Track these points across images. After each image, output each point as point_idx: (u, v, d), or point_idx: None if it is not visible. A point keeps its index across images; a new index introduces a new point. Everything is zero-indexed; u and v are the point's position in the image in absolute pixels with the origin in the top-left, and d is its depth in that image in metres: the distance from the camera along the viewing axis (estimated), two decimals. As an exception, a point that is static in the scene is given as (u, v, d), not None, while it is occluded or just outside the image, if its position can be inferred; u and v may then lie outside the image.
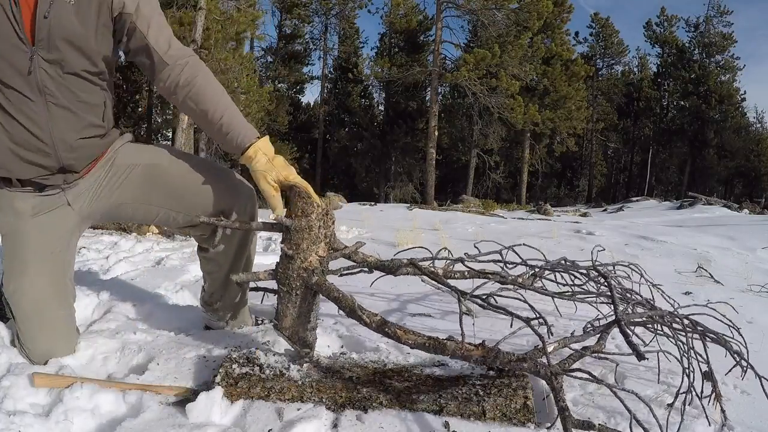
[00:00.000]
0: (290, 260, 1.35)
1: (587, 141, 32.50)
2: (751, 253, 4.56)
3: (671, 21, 32.19)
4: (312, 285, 1.35)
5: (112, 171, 1.57)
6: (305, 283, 1.36)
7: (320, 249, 1.37)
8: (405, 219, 6.42)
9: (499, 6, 18.23)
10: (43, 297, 1.51)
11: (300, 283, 1.36)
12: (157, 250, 3.53)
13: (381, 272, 1.50)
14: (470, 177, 23.46)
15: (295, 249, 1.35)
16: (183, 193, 1.58)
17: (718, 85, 29.48)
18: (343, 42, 29.23)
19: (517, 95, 19.02)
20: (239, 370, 1.33)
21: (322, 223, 1.36)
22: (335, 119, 29.38)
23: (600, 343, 1.24)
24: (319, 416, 1.22)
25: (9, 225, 1.50)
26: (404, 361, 1.44)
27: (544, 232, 5.40)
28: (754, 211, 12.22)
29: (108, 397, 1.29)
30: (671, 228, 6.53)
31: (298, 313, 1.38)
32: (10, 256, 1.51)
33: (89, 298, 2.12)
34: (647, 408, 1.12)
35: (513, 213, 11.37)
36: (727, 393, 1.42)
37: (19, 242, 1.50)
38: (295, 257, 1.35)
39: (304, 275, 1.35)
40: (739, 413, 1.34)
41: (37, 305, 1.50)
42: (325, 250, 1.38)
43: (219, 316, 1.82)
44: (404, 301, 2.40)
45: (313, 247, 1.35)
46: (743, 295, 2.84)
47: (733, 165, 30.89)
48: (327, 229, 1.38)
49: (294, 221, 1.35)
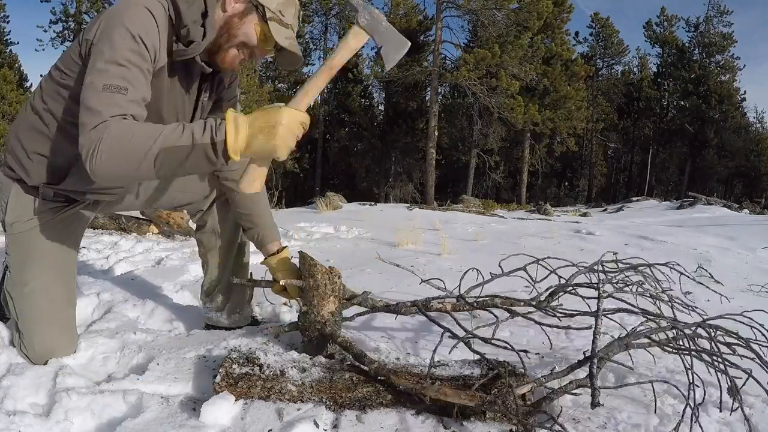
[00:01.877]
0: (306, 314, 1.57)
1: (587, 141, 32.49)
2: (751, 253, 4.56)
3: (671, 21, 32.18)
4: (327, 335, 1.54)
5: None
6: (321, 332, 1.56)
7: (330, 303, 1.56)
8: (405, 219, 6.41)
9: (499, 6, 18.21)
10: (58, 297, 1.55)
11: (317, 333, 1.56)
12: (157, 250, 3.53)
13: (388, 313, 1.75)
14: (470, 177, 23.44)
15: (308, 305, 1.56)
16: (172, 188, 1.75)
17: (718, 85, 29.46)
18: (343, 42, 29.20)
19: (517, 95, 19.00)
20: (239, 370, 1.33)
21: (328, 280, 1.55)
22: (335, 119, 29.35)
23: (584, 379, 1.21)
24: (319, 416, 1.22)
25: (27, 224, 1.52)
26: (404, 361, 1.44)
27: (544, 232, 5.40)
28: (754, 211, 12.22)
29: (108, 397, 1.29)
30: (671, 228, 6.52)
31: (316, 351, 1.57)
32: (25, 255, 1.52)
33: (89, 298, 2.12)
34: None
35: (513, 213, 11.36)
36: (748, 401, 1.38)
37: (37, 241, 1.52)
38: (309, 312, 1.56)
39: (318, 327, 1.55)
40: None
41: (53, 305, 1.53)
42: (336, 304, 1.58)
43: (219, 305, 1.85)
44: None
45: (323, 302, 1.55)
46: (743, 295, 2.84)
47: (733, 165, 30.87)
48: (334, 284, 1.57)
49: (303, 282, 1.57)
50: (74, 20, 27.02)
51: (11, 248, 1.54)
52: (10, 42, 26.70)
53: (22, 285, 1.51)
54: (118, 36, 1.27)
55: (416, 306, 1.64)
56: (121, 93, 1.23)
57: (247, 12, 1.45)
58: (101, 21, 1.33)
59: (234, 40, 1.46)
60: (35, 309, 1.51)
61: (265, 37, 1.46)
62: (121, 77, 1.24)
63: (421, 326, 1.96)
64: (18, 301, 1.52)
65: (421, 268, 3.14)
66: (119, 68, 1.25)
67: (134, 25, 1.29)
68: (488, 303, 1.73)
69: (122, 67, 1.25)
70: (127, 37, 1.27)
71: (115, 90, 1.23)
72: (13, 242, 1.53)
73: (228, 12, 1.44)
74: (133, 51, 1.27)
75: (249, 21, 1.44)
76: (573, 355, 1.64)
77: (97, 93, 1.22)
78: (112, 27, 1.29)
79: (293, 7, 1.48)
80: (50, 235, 1.53)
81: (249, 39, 1.46)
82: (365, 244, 4.24)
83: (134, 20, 1.29)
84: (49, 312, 1.52)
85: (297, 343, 1.69)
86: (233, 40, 1.46)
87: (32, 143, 1.47)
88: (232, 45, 1.47)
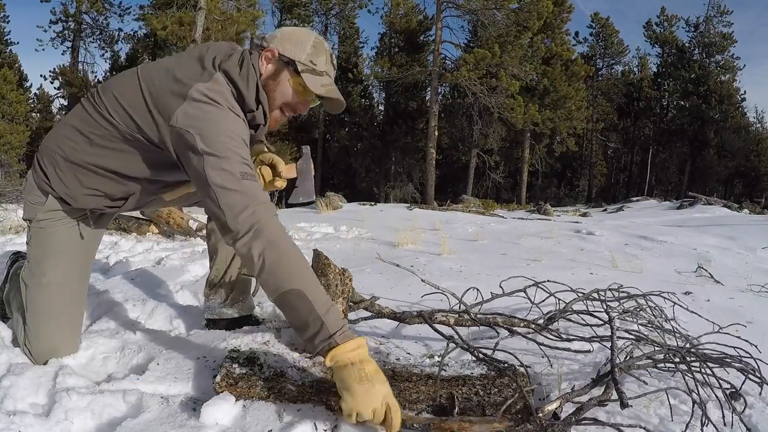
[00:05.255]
0: None
1: (587, 141, 32.49)
2: (751, 253, 4.56)
3: (671, 21, 32.18)
4: None
5: None
6: None
7: (338, 304, 1.56)
8: (405, 219, 6.41)
9: (499, 6, 18.20)
10: (71, 293, 1.57)
11: None
12: (157, 250, 3.53)
13: (394, 320, 1.80)
14: (470, 177, 23.44)
15: None
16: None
17: (718, 85, 29.47)
18: (343, 42, 29.21)
19: (517, 95, 19.00)
20: (239, 370, 1.33)
21: (339, 281, 1.58)
22: (335, 119, 29.34)
23: (606, 392, 1.23)
24: (319, 416, 1.22)
25: (55, 222, 1.54)
26: (404, 361, 1.44)
27: (544, 232, 5.40)
28: (754, 211, 12.22)
29: (108, 397, 1.29)
30: (671, 228, 6.52)
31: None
32: (47, 247, 1.54)
33: (89, 298, 2.11)
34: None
35: (513, 213, 11.36)
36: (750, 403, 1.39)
37: (61, 236, 1.54)
38: None
39: None
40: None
41: (65, 299, 1.55)
42: (344, 305, 1.60)
43: (223, 297, 1.89)
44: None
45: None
46: (743, 295, 2.84)
47: (733, 165, 30.87)
48: (345, 286, 1.59)
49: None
50: (74, 20, 27.02)
51: (34, 239, 1.55)
52: (10, 42, 26.73)
53: (40, 275, 1.52)
54: (226, 138, 1.30)
55: (422, 317, 1.67)
56: (256, 182, 1.29)
57: (279, 71, 1.47)
58: (192, 124, 1.30)
59: (275, 103, 1.49)
60: (48, 300, 1.52)
61: (303, 89, 1.47)
62: (248, 166, 1.29)
63: (422, 330, 1.96)
64: (33, 291, 1.53)
65: (421, 268, 3.14)
66: (243, 162, 1.29)
67: (236, 129, 1.33)
68: (490, 321, 1.73)
69: (245, 162, 1.30)
70: (236, 139, 1.32)
71: (251, 178, 1.28)
72: (36, 234, 1.54)
73: (263, 76, 1.46)
74: (244, 148, 1.33)
75: (283, 79, 1.46)
76: (572, 376, 1.61)
77: (237, 179, 1.25)
78: (215, 131, 1.30)
79: (323, 54, 1.48)
80: (75, 234, 1.56)
81: (287, 97, 1.49)
82: (365, 244, 4.24)
83: (234, 124, 1.34)
84: (61, 306, 1.54)
85: (297, 343, 1.69)
86: (274, 103, 1.49)
87: (89, 180, 1.48)
88: (274, 108, 1.50)
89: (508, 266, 3.29)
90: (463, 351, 1.42)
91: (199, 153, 1.26)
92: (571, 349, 1.66)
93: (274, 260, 1.21)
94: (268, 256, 1.21)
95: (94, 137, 1.43)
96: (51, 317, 1.52)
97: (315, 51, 1.46)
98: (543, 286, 2.05)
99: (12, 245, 3.46)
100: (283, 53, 1.45)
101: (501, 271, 2.89)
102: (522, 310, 2.13)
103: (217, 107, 1.32)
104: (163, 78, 1.36)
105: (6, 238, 3.81)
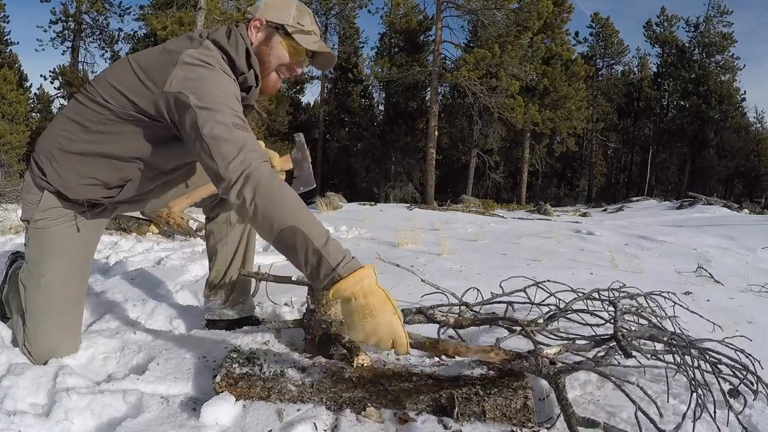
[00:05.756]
0: (313, 313, 1.61)
1: (587, 141, 32.49)
2: (751, 253, 4.56)
3: (671, 21, 32.17)
4: (330, 334, 1.57)
5: None
6: (325, 332, 1.58)
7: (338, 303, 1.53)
8: (405, 219, 6.41)
9: (499, 6, 18.20)
10: (71, 293, 1.57)
11: (321, 333, 1.59)
12: (157, 250, 3.53)
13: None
14: (470, 177, 23.44)
15: (316, 304, 1.60)
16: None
17: (718, 85, 29.45)
18: (343, 42, 29.20)
19: (517, 95, 19.00)
20: (239, 370, 1.33)
21: None
22: (335, 119, 29.36)
23: (607, 357, 1.24)
24: (319, 416, 1.22)
25: (53, 221, 1.54)
26: (404, 361, 1.45)
27: (544, 232, 5.40)
28: (754, 211, 12.22)
29: (108, 397, 1.29)
30: (671, 228, 6.52)
31: (318, 351, 1.60)
32: (46, 248, 1.54)
33: (89, 298, 2.12)
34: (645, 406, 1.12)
35: (513, 213, 11.37)
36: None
37: (60, 236, 1.54)
38: (316, 310, 1.60)
39: (324, 327, 1.59)
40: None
41: (64, 300, 1.55)
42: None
43: (223, 298, 1.88)
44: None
45: (332, 302, 1.57)
46: (743, 295, 2.84)
47: (733, 165, 30.86)
48: None
49: None
50: (74, 20, 27.02)
51: (32, 240, 1.55)
52: (10, 42, 26.70)
53: (39, 276, 1.52)
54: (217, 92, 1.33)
55: (422, 314, 1.67)
56: (248, 132, 1.31)
57: (270, 36, 1.54)
58: (185, 85, 1.32)
59: (270, 66, 1.56)
60: (48, 301, 1.52)
61: (295, 50, 1.55)
62: (239, 118, 1.32)
63: (422, 329, 1.95)
64: (31, 292, 1.53)
65: (421, 268, 3.14)
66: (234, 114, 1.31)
67: (229, 86, 1.38)
68: (489, 320, 1.73)
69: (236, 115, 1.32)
70: (228, 94, 1.35)
71: (242, 128, 1.29)
72: (34, 235, 1.54)
73: (254, 44, 1.54)
74: (236, 103, 1.37)
75: (275, 43, 1.54)
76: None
77: (228, 129, 1.27)
78: (207, 88, 1.33)
79: (307, 15, 1.57)
80: (73, 233, 1.56)
81: (282, 58, 1.56)
82: (365, 244, 4.24)
83: (226, 83, 1.38)
84: (60, 306, 1.54)
85: (297, 343, 1.69)
86: (270, 66, 1.56)
87: (87, 168, 1.49)
88: (270, 71, 1.57)
89: (508, 266, 3.29)
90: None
91: (193, 109, 1.29)
92: (571, 348, 1.66)
93: (266, 202, 1.21)
94: (259, 200, 1.21)
95: (89, 124, 1.45)
96: (50, 317, 1.52)
97: (299, 13, 1.54)
98: (543, 285, 2.05)
99: (12, 245, 3.46)
100: (270, 20, 1.53)
101: (501, 271, 2.90)
102: (522, 309, 2.13)
103: (209, 68, 1.37)
104: (154, 53, 1.43)
105: (6, 238, 3.82)
